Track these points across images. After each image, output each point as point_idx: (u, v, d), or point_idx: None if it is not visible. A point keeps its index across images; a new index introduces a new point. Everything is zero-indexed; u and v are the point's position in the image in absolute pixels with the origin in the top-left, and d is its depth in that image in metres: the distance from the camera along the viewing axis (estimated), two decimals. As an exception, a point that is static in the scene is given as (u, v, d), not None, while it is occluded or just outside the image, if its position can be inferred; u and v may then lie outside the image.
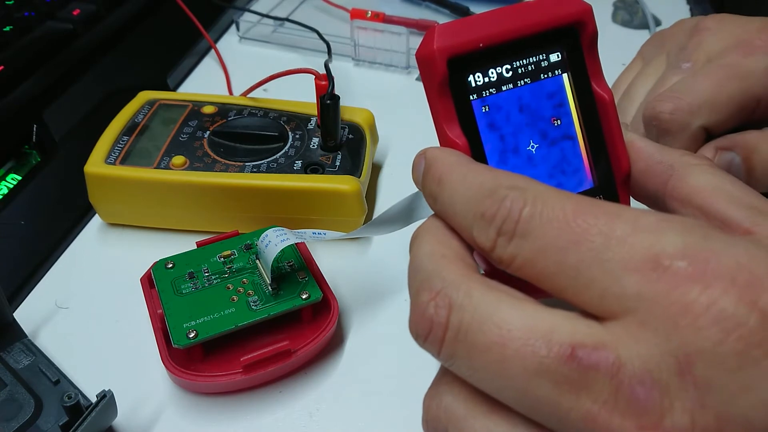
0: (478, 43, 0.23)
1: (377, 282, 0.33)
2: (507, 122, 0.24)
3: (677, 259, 0.16)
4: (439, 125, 0.23)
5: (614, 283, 0.17)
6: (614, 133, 0.26)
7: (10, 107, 0.43)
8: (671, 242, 0.16)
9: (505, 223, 0.19)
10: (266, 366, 0.27)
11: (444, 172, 0.21)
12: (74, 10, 0.50)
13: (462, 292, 0.18)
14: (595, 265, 0.17)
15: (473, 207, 0.20)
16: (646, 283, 0.16)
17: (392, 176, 0.40)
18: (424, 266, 0.20)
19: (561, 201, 0.18)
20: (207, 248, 0.31)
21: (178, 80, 0.49)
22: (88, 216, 0.37)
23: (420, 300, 0.19)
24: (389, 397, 0.28)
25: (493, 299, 0.18)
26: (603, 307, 0.17)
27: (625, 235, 0.17)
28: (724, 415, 0.15)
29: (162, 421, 0.27)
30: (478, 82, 0.24)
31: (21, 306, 0.32)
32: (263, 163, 0.35)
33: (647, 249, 0.16)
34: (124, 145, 0.35)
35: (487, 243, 0.19)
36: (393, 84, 0.48)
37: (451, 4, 0.55)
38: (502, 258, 0.19)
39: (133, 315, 0.31)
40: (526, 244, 0.18)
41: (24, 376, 0.27)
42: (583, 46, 0.25)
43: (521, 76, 0.24)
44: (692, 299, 0.15)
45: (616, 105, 0.26)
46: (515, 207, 0.19)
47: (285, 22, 0.52)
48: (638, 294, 0.16)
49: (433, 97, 0.23)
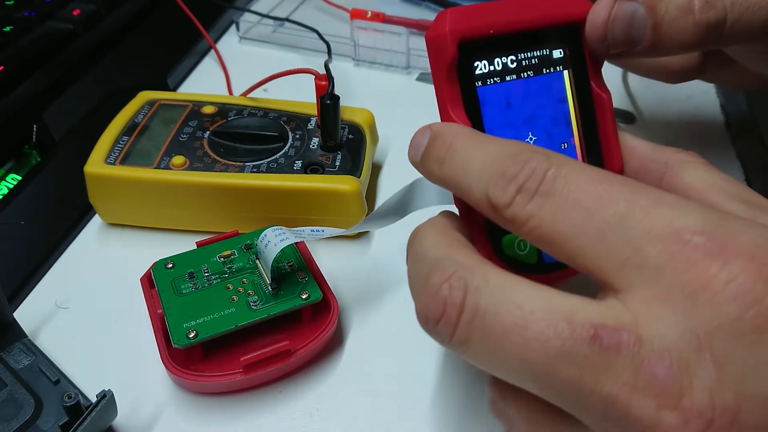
0: (489, 30, 0.23)
1: (377, 282, 0.33)
2: (508, 113, 0.24)
3: (698, 235, 0.16)
4: (444, 108, 0.23)
5: (636, 252, 0.17)
6: (609, 133, 0.26)
7: (10, 107, 0.43)
8: (692, 218, 0.17)
9: (529, 181, 0.18)
10: (266, 366, 0.27)
11: (455, 139, 0.21)
12: (74, 10, 0.50)
13: (478, 274, 0.18)
14: (619, 230, 0.17)
15: (491, 167, 0.19)
16: (667, 256, 0.16)
17: (392, 176, 0.40)
18: (430, 254, 0.20)
19: (587, 169, 0.18)
20: (207, 248, 0.31)
21: (178, 80, 0.49)
22: (88, 216, 0.37)
23: (431, 283, 0.18)
24: (389, 397, 0.28)
25: (511, 281, 0.18)
26: (621, 276, 0.17)
27: (649, 206, 0.17)
28: (743, 391, 0.15)
29: (162, 421, 0.27)
30: (483, 69, 0.24)
31: (21, 306, 0.32)
32: (263, 163, 0.35)
33: (669, 222, 0.17)
34: (124, 145, 0.35)
35: (503, 198, 0.19)
36: (393, 84, 0.48)
37: (451, 4, 0.55)
38: (516, 216, 0.18)
39: (133, 315, 0.31)
40: (547, 202, 0.18)
41: (24, 376, 0.27)
42: (585, 45, 0.25)
43: (525, 68, 0.24)
44: (712, 275, 0.16)
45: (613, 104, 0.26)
46: (540, 167, 0.18)
47: (285, 22, 0.52)
48: (659, 266, 0.16)
49: (440, 79, 0.23)
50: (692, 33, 0.25)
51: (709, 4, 0.25)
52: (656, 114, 0.45)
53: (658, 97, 0.45)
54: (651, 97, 0.46)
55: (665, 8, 0.25)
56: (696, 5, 0.25)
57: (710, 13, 0.25)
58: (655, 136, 0.43)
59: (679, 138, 0.43)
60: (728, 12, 0.25)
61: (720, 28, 0.25)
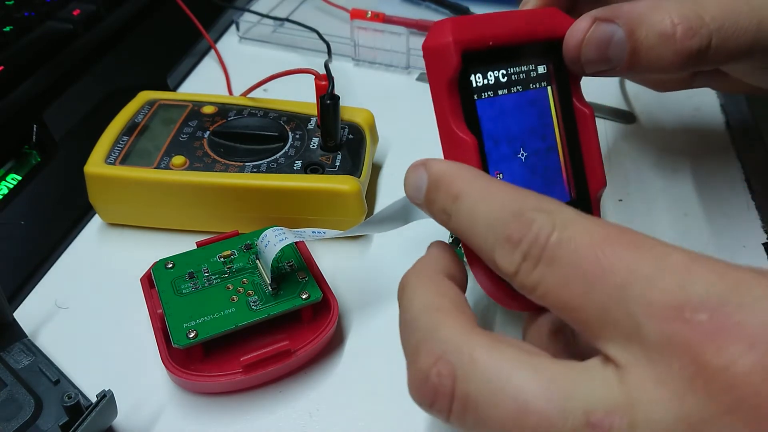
0: (488, 41, 0.23)
1: (377, 282, 0.33)
2: (502, 127, 0.24)
3: (700, 312, 0.15)
4: (445, 121, 0.23)
5: (637, 329, 0.16)
6: (593, 149, 0.26)
7: (10, 107, 0.43)
8: (697, 290, 0.16)
9: (532, 248, 0.18)
10: (266, 366, 0.27)
11: (461, 187, 0.20)
12: (74, 10, 0.50)
13: (465, 356, 0.18)
14: (621, 304, 0.16)
15: (497, 229, 0.19)
16: (667, 336, 0.15)
17: (392, 176, 0.40)
18: (418, 323, 0.19)
19: (588, 227, 0.17)
20: (207, 248, 0.31)
21: (178, 80, 0.49)
22: (88, 216, 0.37)
23: (419, 365, 0.18)
24: (389, 397, 0.28)
25: (501, 362, 0.17)
26: (623, 353, 0.16)
27: (651, 275, 0.16)
28: None
29: (162, 421, 0.27)
30: (478, 82, 0.23)
31: (21, 306, 0.32)
32: (263, 163, 0.35)
33: (672, 295, 0.16)
34: (124, 145, 0.35)
35: (510, 267, 0.18)
36: (393, 84, 0.48)
37: (451, 4, 0.55)
38: (524, 284, 0.18)
39: (133, 315, 0.31)
40: (551, 272, 0.17)
41: (24, 376, 0.27)
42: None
43: (514, 83, 0.24)
44: (708, 360, 0.15)
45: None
46: (543, 232, 0.18)
47: (285, 22, 0.52)
48: (659, 346, 0.15)
49: (441, 91, 0.23)
50: (671, 60, 0.24)
51: (693, 30, 0.24)
52: (656, 114, 0.45)
53: (657, 97, 0.45)
54: (651, 97, 0.46)
55: (645, 33, 0.24)
56: (678, 32, 0.24)
57: (693, 40, 0.24)
58: (655, 136, 0.43)
59: (678, 138, 0.43)
60: (713, 38, 0.24)
61: (702, 54, 0.24)
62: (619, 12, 0.24)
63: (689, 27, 0.24)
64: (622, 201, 0.27)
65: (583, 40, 0.24)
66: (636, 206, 0.37)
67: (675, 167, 0.40)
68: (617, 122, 0.44)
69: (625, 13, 0.24)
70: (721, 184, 0.39)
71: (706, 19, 0.24)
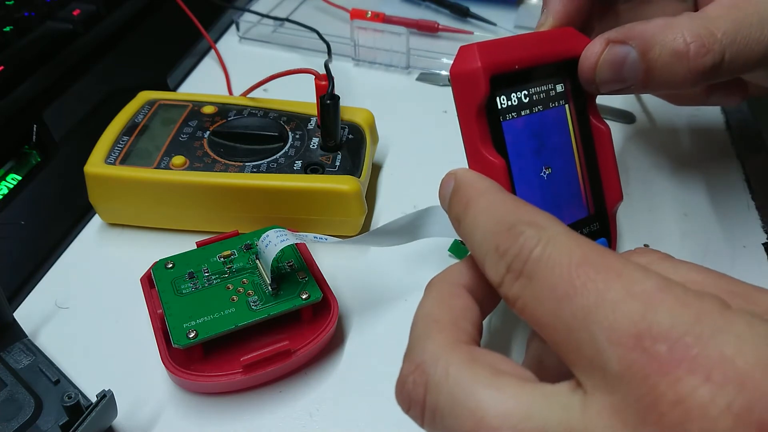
0: (514, 65, 0.23)
1: (377, 282, 0.33)
2: (526, 147, 0.24)
3: (659, 342, 0.15)
4: (473, 145, 0.23)
5: (599, 355, 0.16)
6: (609, 166, 0.26)
7: (10, 107, 0.43)
8: (660, 318, 0.15)
9: (515, 260, 0.18)
10: (266, 366, 0.27)
11: (471, 196, 0.21)
12: (74, 10, 0.50)
13: (440, 368, 0.18)
14: (584, 326, 0.16)
15: (490, 238, 0.19)
16: (626, 364, 0.15)
17: (392, 176, 0.40)
18: (416, 328, 0.20)
19: (570, 246, 0.17)
20: (207, 248, 0.31)
21: (178, 80, 0.49)
22: (88, 216, 0.37)
23: (403, 369, 0.19)
24: (389, 398, 0.28)
25: (470, 379, 0.18)
26: (586, 377, 0.16)
27: (618, 299, 0.16)
28: None
29: (162, 421, 0.27)
30: (503, 104, 0.24)
31: (21, 306, 0.32)
32: (263, 163, 0.35)
33: (635, 322, 0.15)
34: (124, 145, 0.35)
35: (496, 278, 0.19)
36: (393, 84, 0.48)
37: (451, 4, 0.55)
38: (507, 296, 0.18)
39: (133, 315, 0.31)
40: (530, 286, 0.18)
41: (24, 376, 0.27)
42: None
43: (535, 102, 0.25)
44: (661, 393, 0.15)
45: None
46: (527, 246, 0.18)
47: (285, 22, 0.52)
48: (618, 374, 0.15)
49: (469, 115, 0.23)
50: (685, 77, 0.24)
51: (706, 47, 0.24)
52: (656, 114, 0.45)
53: (658, 97, 0.45)
54: (651, 97, 0.46)
55: (658, 53, 0.24)
56: (691, 51, 0.24)
57: (706, 57, 0.24)
58: (655, 136, 0.43)
59: (678, 138, 0.43)
60: (726, 52, 0.24)
61: (716, 69, 0.24)
62: (632, 33, 0.24)
63: (702, 45, 0.24)
64: (622, 201, 0.27)
65: (597, 62, 0.25)
66: (636, 206, 0.37)
67: (675, 167, 0.40)
68: (617, 122, 0.44)
69: (638, 33, 0.24)
70: (721, 184, 0.39)
71: (719, 35, 0.24)
